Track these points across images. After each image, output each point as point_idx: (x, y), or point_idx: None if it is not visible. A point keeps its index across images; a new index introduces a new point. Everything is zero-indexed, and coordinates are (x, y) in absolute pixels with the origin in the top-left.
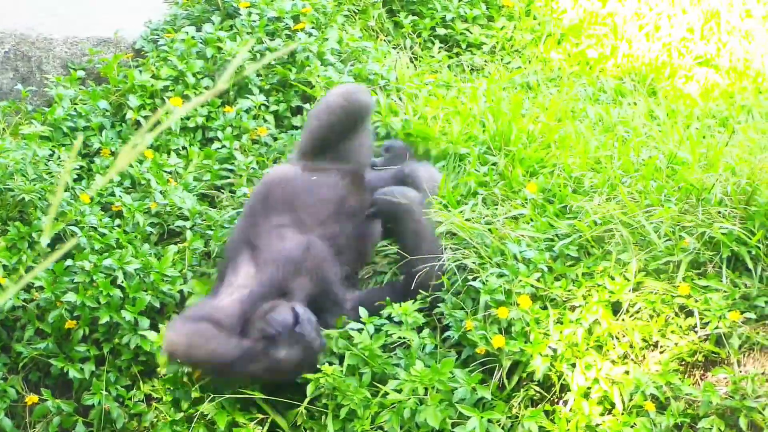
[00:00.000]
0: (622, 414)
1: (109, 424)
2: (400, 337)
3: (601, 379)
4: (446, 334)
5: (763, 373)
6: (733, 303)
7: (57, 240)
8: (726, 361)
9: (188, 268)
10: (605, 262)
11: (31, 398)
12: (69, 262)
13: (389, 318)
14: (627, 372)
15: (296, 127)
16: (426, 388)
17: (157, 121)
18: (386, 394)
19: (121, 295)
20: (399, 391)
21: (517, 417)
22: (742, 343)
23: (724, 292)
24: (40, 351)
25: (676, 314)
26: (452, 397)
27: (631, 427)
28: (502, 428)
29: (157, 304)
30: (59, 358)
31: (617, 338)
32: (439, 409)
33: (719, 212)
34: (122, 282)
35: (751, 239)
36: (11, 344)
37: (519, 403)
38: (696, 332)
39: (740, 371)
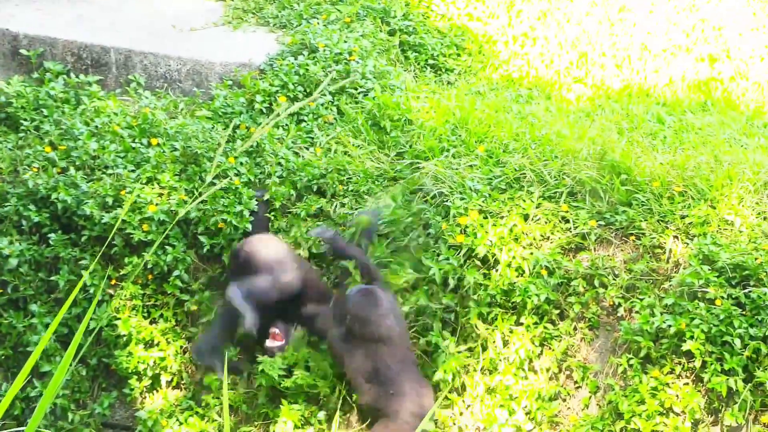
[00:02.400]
0: (529, 276)
1: None
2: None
3: (516, 256)
4: (428, 231)
5: (607, 255)
6: (591, 215)
7: (215, 177)
8: (587, 248)
9: None
10: (520, 191)
11: (190, 253)
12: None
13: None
14: (531, 253)
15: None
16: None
17: (277, 113)
18: None
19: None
20: None
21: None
22: (596, 238)
23: (587, 209)
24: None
25: (560, 221)
26: None
27: (533, 284)
28: (459, 280)
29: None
30: (213, 239)
31: (526, 234)
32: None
33: (585, 164)
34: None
35: (602, 180)
36: (189, 232)
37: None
38: (571, 231)
39: (595, 254)
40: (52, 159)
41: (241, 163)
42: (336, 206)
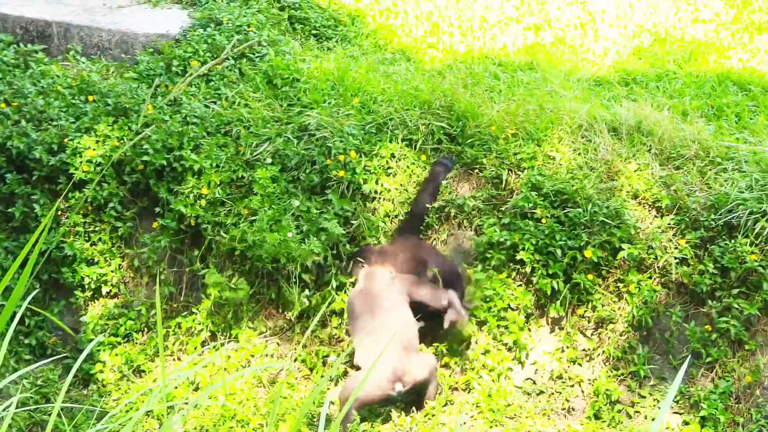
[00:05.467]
0: (400, 205)
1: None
2: None
3: (389, 187)
4: (314, 167)
5: (454, 186)
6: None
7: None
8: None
9: None
10: (388, 134)
11: (122, 189)
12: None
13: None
14: (401, 184)
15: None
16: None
17: (191, 74)
18: None
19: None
20: None
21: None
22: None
23: (442, 148)
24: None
25: (417, 160)
26: None
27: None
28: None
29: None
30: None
31: (394, 169)
32: None
33: (437, 114)
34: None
35: (452, 127)
36: (121, 172)
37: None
38: (427, 168)
39: (450, 186)
40: (6, 113)
41: (168, 116)
42: (239, 143)
